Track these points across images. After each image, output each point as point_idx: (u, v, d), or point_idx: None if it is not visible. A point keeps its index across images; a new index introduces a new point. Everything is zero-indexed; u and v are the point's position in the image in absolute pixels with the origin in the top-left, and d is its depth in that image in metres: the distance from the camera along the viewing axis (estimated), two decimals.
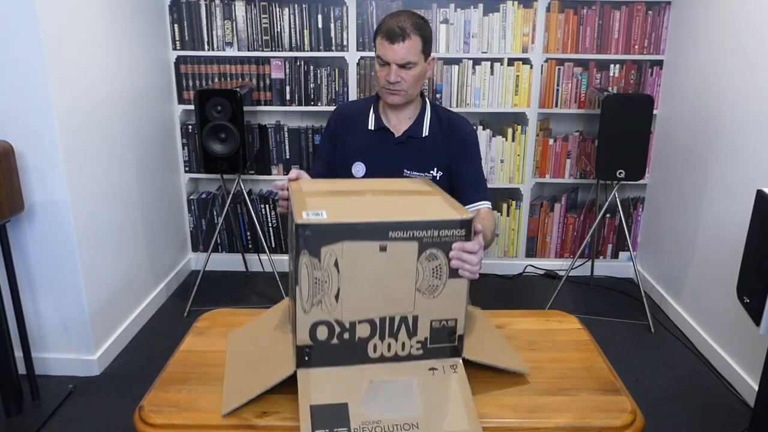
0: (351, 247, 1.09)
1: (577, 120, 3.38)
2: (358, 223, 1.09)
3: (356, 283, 1.12)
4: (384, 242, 1.10)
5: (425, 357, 1.19)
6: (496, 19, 3.21)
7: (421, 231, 1.11)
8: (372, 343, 1.16)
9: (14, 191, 2.12)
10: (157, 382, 1.26)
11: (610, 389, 1.24)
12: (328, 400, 1.10)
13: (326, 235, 1.08)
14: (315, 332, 1.13)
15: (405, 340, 1.17)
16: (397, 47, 1.68)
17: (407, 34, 1.67)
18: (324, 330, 1.13)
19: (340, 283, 1.11)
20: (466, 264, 1.15)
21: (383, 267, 1.11)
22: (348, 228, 1.08)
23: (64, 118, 2.28)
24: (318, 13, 3.22)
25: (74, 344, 2.50)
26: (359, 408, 1.10)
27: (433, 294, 1.16)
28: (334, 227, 1.08)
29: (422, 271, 1.13)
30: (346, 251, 1.09)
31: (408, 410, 1.11)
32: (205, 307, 3.00)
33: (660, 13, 3.19)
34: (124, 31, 2.78)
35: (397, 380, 1.15)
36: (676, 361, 2.68)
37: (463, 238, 1.14)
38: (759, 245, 1.71)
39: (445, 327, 1.18)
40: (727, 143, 2.58)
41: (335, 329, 1.14)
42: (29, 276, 2.40)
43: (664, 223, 3.22)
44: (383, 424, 1.08)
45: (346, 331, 1.14)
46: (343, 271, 1.10)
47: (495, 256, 3.59)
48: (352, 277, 1.11)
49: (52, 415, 2.26)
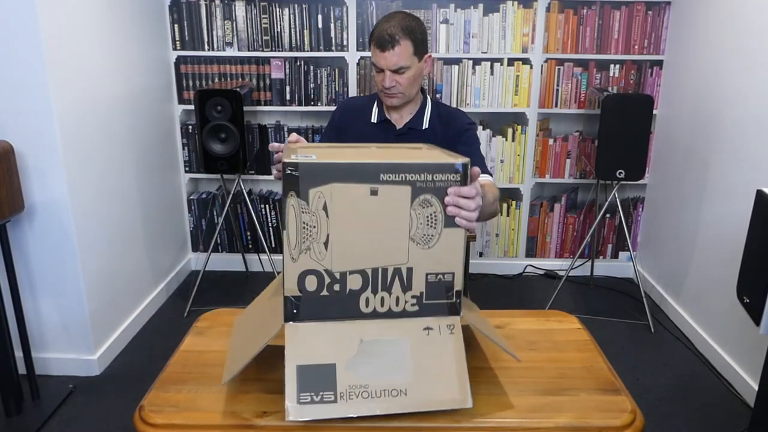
0: (340, 189, 1.04)
1: (577, 120, 3.38)
2: (347, 163, 1.04)
3: (346, 230, 1.07)
4: (375, 185, 1.05)
5: (421, 314, 1.13)
6: (496, 19, 3.21)
7: (414, 174, 1.06)
8: (364, 296, 1.10)
9: (14, 191, 2.12)
10: (157, 382, 1.26)
11: (610, 389, 1.24)
12: (316, 360, 1.06)
13: (314, 176, 1.04)
14: (303, 282, 1.08)
15: (399, 294, 1.11)
16: (387, 55, 1.71)
17: (396, 41, 1.70)
18: (313, 280, 1.08)
19: (330, 228, 1.06)
20: (463, 210, 1.09)
21: (374, 212, 1.06)
22: (337, 169, 1.04)
23: (64, 118, 2.28)
24: (318, 13, 3.22)
25: (74, 344, 2.50)
26: (347, 370, 1.06)
27: (428, 244, 1.10)
28: (322, 167, 1.04)
29: (416, 219, 1.08)
30: (335, 193, 1.05)
31: (397, 375, 1.07)
32: (205, 307, 3.00)
33: (660, 13, 3.19)
34: (124, 31, 2.78)
35: (388, 340, 1.10)
36: (676, 361, 2.68)
37: (458, 184, 1.08)
38: (759, 245, 1.71)
39: (442, 281, 1.13)
40: (727, 143, 2.58)
41: (325, 279, 1.08)
42: (29, 276, 2.40)
43: (664, 223, 3.22)
44: (370, 389, 1.05)
45: (337, 282, 1.08)
46: (332, 215, 1.05)
47: (495, 256, 3.59)
48: (342, 223, 1.06)
49: (52, 415, 2.26)
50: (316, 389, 1.04)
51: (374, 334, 1.10)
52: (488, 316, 1.54)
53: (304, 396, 1.05)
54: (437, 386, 1.08)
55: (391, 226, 1.08)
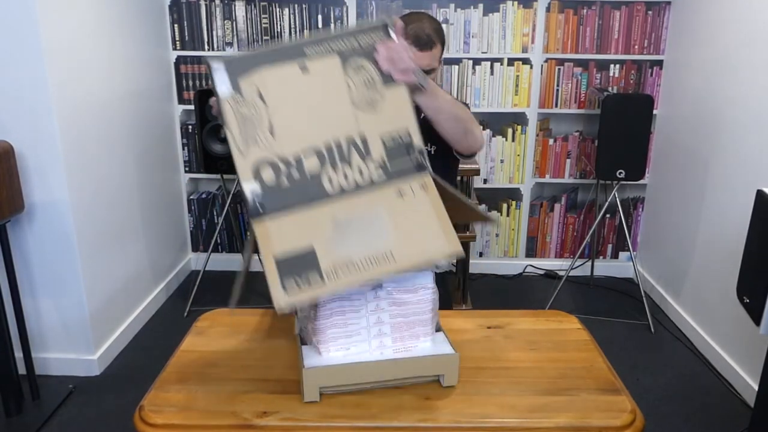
0: (270, 74, 1.04)
1: (577, 120, 3.38)
2: (270, 48, 1.05)
3: (287, 112, 1.06)
4: (303, 61, 1.05)
5: (389, 180, 1.10)
6: (496, 19, 3.21)
7: (338, 42, 1.06)
8: (326, 176, 1.07)
9: (14, 191, 2.12)
10: (157, 382, 1.26)
11: (610, 389, 1.24)
12: (293, 249, 1.03)
13: (241, 66, 1.04)
14: (260, 176, 1.06)
15: (360, 165, 1.08)
16: (424, 55, 1.69)
17: (434, 42, 1.70)
18: (269, 172, 1.06)
19: (270, 115, 1.05)
20: (396, 63, 1.07)
21: (310, 89, 1.06)
22: (261, 54, 1.05)
23: (64, 118, 2.28)
24: (318, 13, 3.22)
25: (74, 344, 2.50)
26: (327, 249, 1.04)
27: (373, 108, 1.09)
28: (247, 57, 1.04)
29: (353, 85, 1.07)
30: (266, 79, 1.05)
31: (380, 240, 1.04)
32: (205, 307, 3.00)
33: (660, 13, 3.19)
34: (124, 32, 2.78)
35: (362, 214, 1.07)
36: (676, 361, 2.68)
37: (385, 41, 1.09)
38: (759, 245, 1.71)
39: (400, 142, 1.10)
40: (728, 143, 2.58)
41: (280, 168, 1.06)
42: (29, 276, 2.40)
43: (664, 223, 3.22)
44: (355, 261, 1.03)
45: (293, 168, 1.06)
46: (269, 101, 1.05)
47: (495, 256, 3.59)
48: (281, 106, 1.05)
49: (52, 415, 2.26)
50: (299, 273, 1.01)
51: (346, 212, 1.07)
52: (488, 316, 1.54)
53: (289, 282, 1.01)
54: (423, 241, 1.06)
55: (331, 97, 1.07)
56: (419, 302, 1.23)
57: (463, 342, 1.40)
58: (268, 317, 1.55)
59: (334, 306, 1.19)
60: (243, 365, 1.32)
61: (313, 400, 1.18)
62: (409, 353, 1.24)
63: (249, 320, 1.54)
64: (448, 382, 1.23)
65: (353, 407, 1.17)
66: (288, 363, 1.32)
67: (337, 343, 1.22)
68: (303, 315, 1.26)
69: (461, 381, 1.24)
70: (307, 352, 1.23)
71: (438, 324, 1.33)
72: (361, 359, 1.21)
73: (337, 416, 1.15)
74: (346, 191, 1.08)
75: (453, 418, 1.14)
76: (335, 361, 1.20)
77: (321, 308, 1.19)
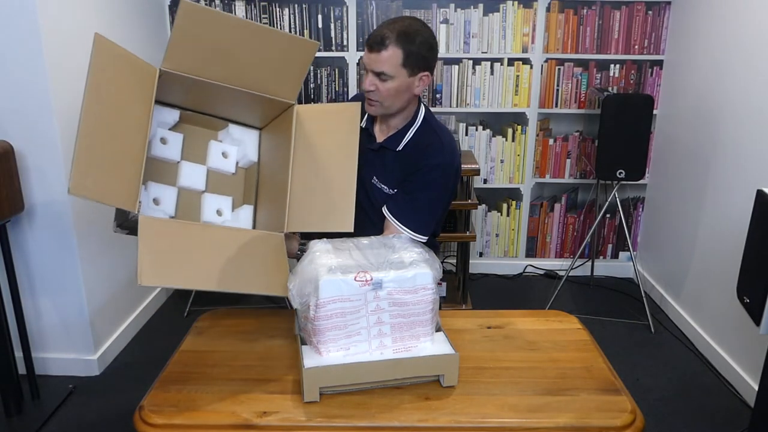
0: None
1: (577, 120, 3.38)
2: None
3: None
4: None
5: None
6: (496, 19, 3.21)
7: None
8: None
9: (14, 191, 2.12)
10: (157, 382, 1.27)
11: (610, 389, 1.24)
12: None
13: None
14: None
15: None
16: (373, 55, 1.56)
17: (385, 45, 1.53)
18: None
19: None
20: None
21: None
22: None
23: (64, 118, 2.28)
24: (318, 13, 3.22)
25: (74, 344, 2.50)
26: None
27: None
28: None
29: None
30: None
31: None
32: (205, 307, 3.00)
33: (660, 13, 3.19)
34: (125, 32, 2.78)
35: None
36: (676, 361, 2.68)
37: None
38: (759, 245, 1.71)
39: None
40: (728, 143, 2.58)
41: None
42: (29, 276, 2.40)
43: (664, 223, 3.22)
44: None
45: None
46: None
47: (495, 256, 3.59)
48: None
49: (52, 415, 2.26)
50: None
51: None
52: (488, 316, 1.54)
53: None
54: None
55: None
56: (419, 302, 1.23)
57: (463, 342, 1.40)
58: (268, 317, 1.55)
59: (335, 306, 1.19)
60: (243, 365, 1.32)
61: (313, 400, 1.18)
62: (409, 353, 1.24)
63: (249, 320, 1.54)
64: (448, 382, 1.23)
65: (353, 407, 1.17)
66: (288, 363, 1.32)
67: (337, 344, 1.22)
68: (303, 315, 1.26)
69: (461, 381, 1.25)
70: (307, 352, 1.23)
71: (438, 324, 1.33)
72: (361, 359, 1.21)
73: (337, 416, 1.15)
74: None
75: (453, 418, 1.14)
76: (335, 361, 1.20)
77: (321, 308, 1.19)
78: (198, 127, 1.56)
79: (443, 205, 1.71)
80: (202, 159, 1.55)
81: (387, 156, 1.70)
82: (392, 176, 1.69)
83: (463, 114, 3.34)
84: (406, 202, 1.65)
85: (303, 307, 1.24)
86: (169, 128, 1.50)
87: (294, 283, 1.23)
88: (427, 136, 1.68)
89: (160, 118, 1.48)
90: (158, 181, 1.47)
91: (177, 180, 1.50)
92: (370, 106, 1.65)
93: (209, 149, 1.56)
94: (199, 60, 1.37)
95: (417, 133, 1.68)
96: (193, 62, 1.37)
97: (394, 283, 1.21)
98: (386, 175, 1.70)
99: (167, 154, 1.49)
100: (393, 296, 1.22)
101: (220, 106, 1.53)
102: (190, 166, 1.52)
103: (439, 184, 1.65)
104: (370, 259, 1.26)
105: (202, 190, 1.53)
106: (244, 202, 1.58)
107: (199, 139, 1.55)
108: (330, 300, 1.19)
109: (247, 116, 1.58)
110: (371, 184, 1.72)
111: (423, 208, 1.65)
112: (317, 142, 1.50)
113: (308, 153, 1.48)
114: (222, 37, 1.35)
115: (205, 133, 1.57)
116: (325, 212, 1.45)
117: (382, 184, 1.70)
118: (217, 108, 1.54)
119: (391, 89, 1.58)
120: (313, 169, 1.48)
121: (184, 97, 1.49)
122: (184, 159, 1.52)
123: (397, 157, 1.68)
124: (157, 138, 1.47)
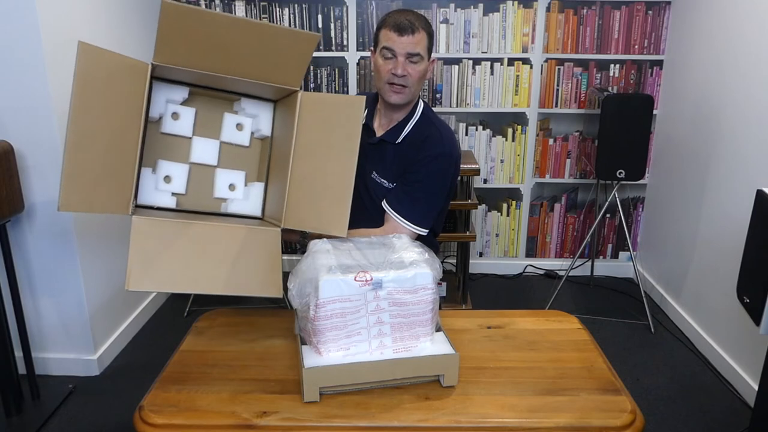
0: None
1: (577, 120, 3.38)
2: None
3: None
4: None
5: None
6: (496, 19, 3.21)
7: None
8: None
9: (14, 191, 2.12)
10: (157, 382, 1.27)
11: (610, 389, 1.24)
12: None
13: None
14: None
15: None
16: (405, 39, 1.61)
17: (416, 28, 1.61)
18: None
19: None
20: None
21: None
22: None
23: (64, 118, 2.28)
24: (318, 13, 3.22)
25: (74, 344, 2.50)
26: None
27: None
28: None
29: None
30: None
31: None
32: (205, 307, 3.00)
33: (660, 13, 3.19)
34: (125, 32, 2.78)
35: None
36: (676, 361, 2.68)
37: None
38: (759, 245, 1.71)
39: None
40: (727, 143, 2.58)
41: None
42: (29, 276, 2.40)
43: (664, 223, 3.22)
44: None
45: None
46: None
47: (495, 256, 3.59)
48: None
49: (52, 415, 2.26)
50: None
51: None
52: (488, 316, 1.54)
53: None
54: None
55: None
56: (419, 302, 1.23)
57: (463, 342, 1.40)
58: (268, 317, 1.55)
59: (334, 306, 1.19)
60: (243, 365, 1.32)
61: (313, 400, 1.18)
62: (409, 353, 1.24)
63: (249, 320, 1.54)
64: (448, 382, 1.23)
65: (353, 407, 1.17)
66: (288, 363, 1.32)
67: (337, 344, 1.22)
68: (303, 315, 1.26)
69: (461, 381, 1.25)
70: (307, 352, 1.23)
71: (438, 324, 1.33)
72: (361, 359, 1.21)
73: (337, 416, 1.15)
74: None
75: (453, 418, 1.14)
76: (335, 361, 1.20)
77: (321, 308, 1.19)
78: (211, 99, 1.53)
79: (443, 197, 1.72)
80: (215, 132, 1.52)
81: (386, 150, 1.72)
82: (392, 170, 1.71)
83: (463, 114, 3.34)
84: (406, 194, 1.66)
85: (303, 307, 1.24)
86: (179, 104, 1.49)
87: (294, 283, 1.23)
88: (426, 128, 1.70)
89: (169, 96, 1.47)
90: (169, 158, 1.46)
91: (189, 156, 1.48)
92: (397, 94, 1.66)
93: (224, 121, 1.53)
94: (192, 54, 1.36)
95: (416, 125, 1.71)
96: (187, 56, 1.36)
97: (394, 283, 1.21)
98: (386, 169, 1.72)
99: (178, 130, 1.47)
100: (393, 296, 1.22)
101: (230, 85, 1.51)
102: (203, 141, 1.50)
103: (439, 176, 1.67)
104: (370, 259, 1.27)
105: (214, 165, 1.51)
106: (257, 179, 1.56)
107: (212, 112, 1.53)
108: (330, 300, 1.19)
109: (259, 92, 1.55)
110: (371, 178, 1.73)
111: (422, 200, 1.66)
112: (318, 138, 1.49)
113: (309, 151, 1.48)
114: (213, 33, 1.34)
115: (218, 104, 1.54)
116: (321, 214, 1.45)
117: (381, 178, 1.72)
118: (228, 86, 1.52)
119: (421, 71, 1.65)
120: (312, 169, 1.47)
121: (192, 77, 1.47)
122: (196, 134, 1.50)
123: (396, 151, 1.70)
124: (168, 114, 1.46)
